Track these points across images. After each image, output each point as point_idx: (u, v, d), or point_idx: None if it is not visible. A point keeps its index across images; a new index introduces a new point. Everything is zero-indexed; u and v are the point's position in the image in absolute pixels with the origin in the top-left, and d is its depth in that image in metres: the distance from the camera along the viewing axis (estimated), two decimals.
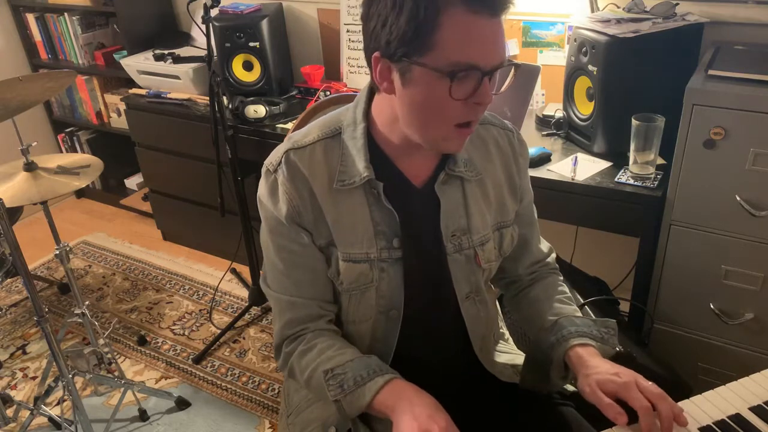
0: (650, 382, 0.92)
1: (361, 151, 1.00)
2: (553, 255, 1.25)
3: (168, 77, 2.60)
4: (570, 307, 1.14)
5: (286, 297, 1.06)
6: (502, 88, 0.95)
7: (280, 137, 2.22)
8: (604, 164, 1.79)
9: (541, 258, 1.23)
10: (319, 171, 1.01)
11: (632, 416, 0.89)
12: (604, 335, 1.04)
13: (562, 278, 1.23)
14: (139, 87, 2.75)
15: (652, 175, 1.69)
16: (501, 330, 1.29)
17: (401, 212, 1.03)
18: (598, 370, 0.96)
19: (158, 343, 2.41)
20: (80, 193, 3.62)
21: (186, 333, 2.46)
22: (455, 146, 0.97)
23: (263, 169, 1.05)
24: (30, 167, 1.83)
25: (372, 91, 1.03)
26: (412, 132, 0.96)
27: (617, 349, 1.06)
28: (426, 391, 0.95)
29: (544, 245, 1.25)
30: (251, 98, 2.37)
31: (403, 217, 1.03)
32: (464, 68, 0.86)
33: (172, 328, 2.50)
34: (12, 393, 2.16)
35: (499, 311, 1.31)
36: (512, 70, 0.96)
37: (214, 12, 2.14)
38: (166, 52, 2.63)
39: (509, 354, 1.22)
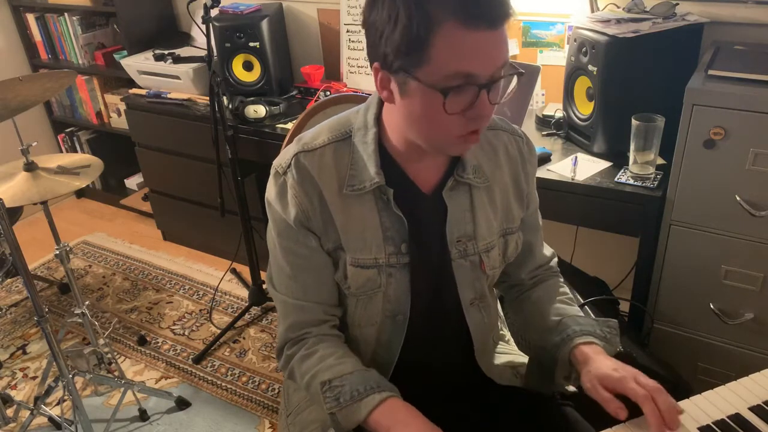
0: (650, 379, 0.92)
1: (372, 156, 1.00)
2: (555, 259, 1.25)
3: (168, 77, 2.60)
4: (572, 307, 1.14)
5: (293, 300, 1.06)
6: (505, 97, 0.93)
7: (280, 137, 2.22)
8: (604, 164, 1.79)
9: (543, 262, 1.22)
10: (328, 175, 1.01)
11: (632, 413, 0.90)
12: (607, 335, 1.05)
13: (562, 280, 1.22)
14: (139, 87, 2.75)
15: (652, 175, 1.69)
16: (501, 332, 1.29)
17: (409, 218, 1.02)
18: (598, 365, 0.96)
19: (158, 343, 2.41)
20: (80, 193, 3.62)
21: (186, 333, 2.46)
22: (460, 151, 0.98)
23: (272, 171, 1.04)
24: (30, 167, 1.83)
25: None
26: (416, 138, 0.96)
27: (619, 348, 1.06)
28: (421, 413, 0.94)
29: (547, 250, 1.24)
30: (251, 98, 2.37)
31: (410, 223, 1.03)
32: (458, 82, 0.84)
33: (172, 328, 2.50)
34: (12, 393, 2.16)
35: (500, 313, 1.30)
36: (515, 78, 0.93)
37: (214, 12, 2.14)
38: (166, 52, 2.63)
39: (509, 355, 1.22)
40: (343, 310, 1.09)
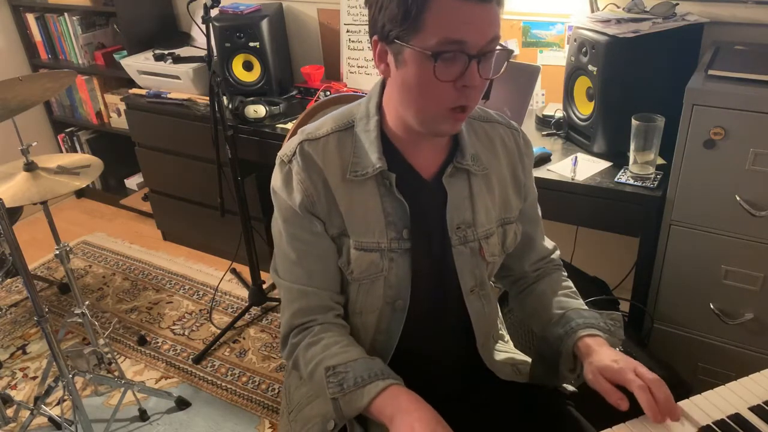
0: (650, 371, 0.93)
1: (374, 143, 1.02)
2: (558, 252, 1.26)
3: (168, 77, 2.60)
4: (576, 300, 1.16)
5: (298, 286, 1.07)
6: (498, 74, 0.96)
7: (280, 137, 2.22)
8: (604, 164, 1.79)
9: (545, 255, 1.24)
10: (332, 162, 1.03)
11: (634, 404, 0.90)
12: (611, 327, 1.06)
13: (566, 274, 1.24)
14: (139, 87, 2.75)
15: (652, 175, 1.69)
16: (501, 332, 1.30)
17: (411, 204, 1.04)
18: (600, 357, 0.97)
19: (158, 343, 2.41)
20: (80, 193, 3.62)
21: (186, 333, 2.46)
22: (449, 128, 0.99)
23: (277, 160, 1.07)
24: (30, 167, 1.83)
25: (384, 86, 1.05)
26: (408, 114, 0.98)
27: (620, 343, 1.07)
28: (425, 401, 0.94)
29: (548, 243, 1.26)
30: (251, 98, 2.37)
31: (412, 209, 1.04)
32: (448, 50, 0.88)
33: (172, 328, 2.50)
34: (12, 393, 2.16)
35: (499, 313, 1.31)
36: (505, 63, 0.96)
37: (214, 12, 2.14)
38: (166, 52, 2.63)
39: (508, 353, 1.22)
40: (345, 299, 1.10)
